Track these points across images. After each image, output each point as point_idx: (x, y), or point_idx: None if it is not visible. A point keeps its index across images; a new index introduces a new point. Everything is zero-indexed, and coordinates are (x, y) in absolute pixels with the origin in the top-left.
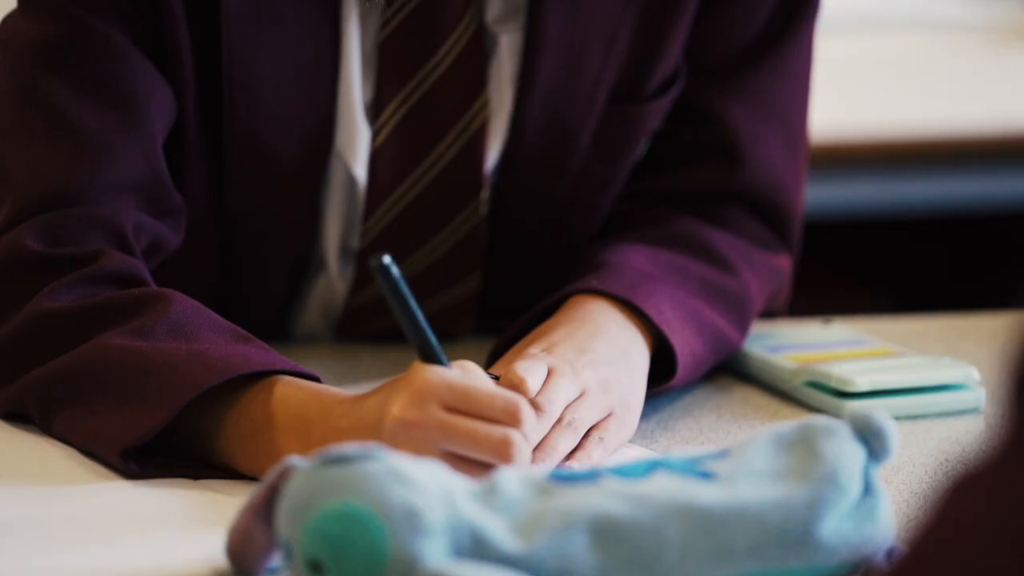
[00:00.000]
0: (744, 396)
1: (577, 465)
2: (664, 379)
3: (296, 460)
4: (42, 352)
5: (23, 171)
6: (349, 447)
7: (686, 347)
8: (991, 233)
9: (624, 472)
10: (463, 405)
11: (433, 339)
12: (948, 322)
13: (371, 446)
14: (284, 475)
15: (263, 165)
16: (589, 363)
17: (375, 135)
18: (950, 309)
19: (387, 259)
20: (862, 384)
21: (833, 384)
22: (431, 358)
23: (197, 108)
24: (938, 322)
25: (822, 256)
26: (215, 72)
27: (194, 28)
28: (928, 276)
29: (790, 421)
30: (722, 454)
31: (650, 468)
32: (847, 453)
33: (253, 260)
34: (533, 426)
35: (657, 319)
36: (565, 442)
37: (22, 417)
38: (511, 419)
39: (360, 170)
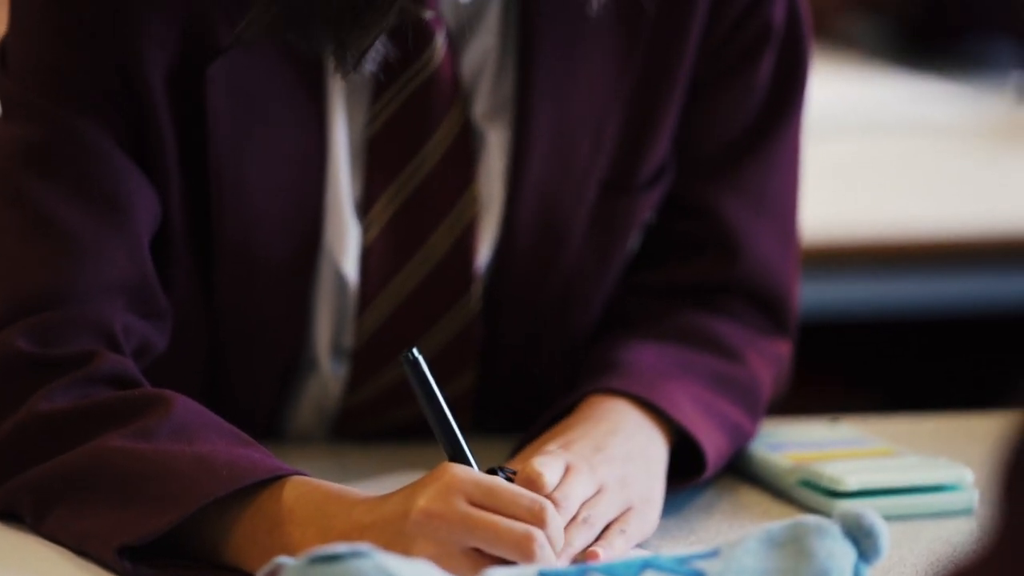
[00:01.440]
0: (735, 494)
1: (601, 553)
2: (688, 475)
3: (285, 559)
4: (39, 454)
5: (10, 273)
6: (339, 546)
7: (710, 442)
8: (983, 333)
9: (614, 571)
10: (489, 502)
11: (461, 437)
12: (941, 422)
13: (361, 544)
14: (274, 573)
15: (251, 265)
16: (606, 460)
17: (365, 232)
18: (943, 408)
19: (416, 353)
20: (852, 483)
21: (824, 483)
22: (458, 456)
23: (183, 208)
24: (931, 422)
25: (814, 355)
26: (201, 172)
27: (179, 128)
28: (921, 375)
29: (781, 520)
30: (713, 553)
31: (640, 567)
32: (837, 553)
33: (242, 361)
34: (558, 527)
35: (679, 417)
36: (580, 538)
37: (12, 516)
38: (535, 518)
39: (350, 268)
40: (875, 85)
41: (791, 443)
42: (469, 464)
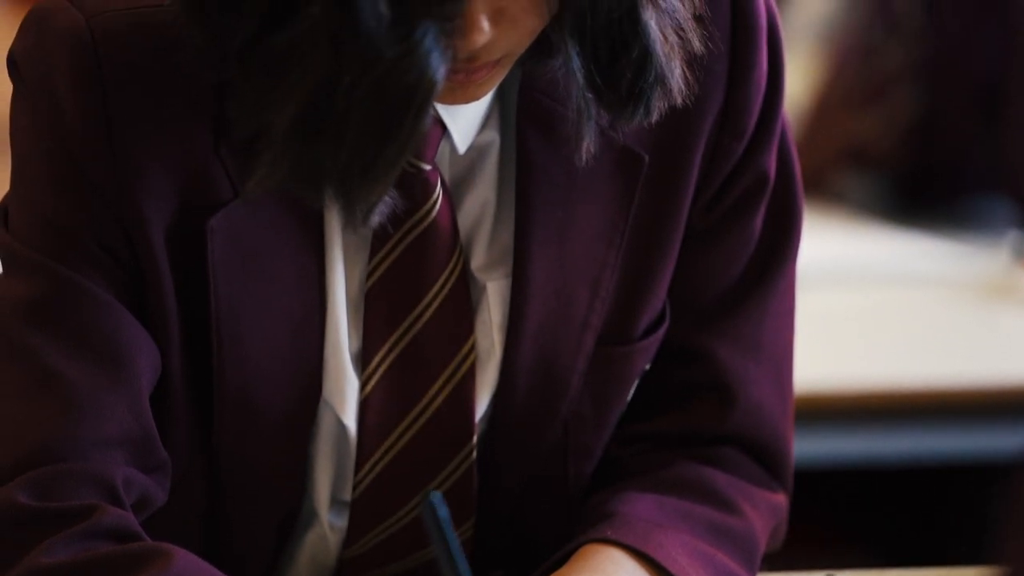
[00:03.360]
0: None
1: None
2: None
3: None
4: None
5: (10, 427)
6: None
7: None
8: (978, 485)
9: None
10: None
11: None
12: None
13: None
14: None
15: (251, 417)
16: None
17: (363, 384)
18: (938, 563)
19: (438, 499)
20: None
21: None
22: None
23: (183, 360)
24: None
25: (805, 507)
26: (201, 324)
27: (179, 280)
28: (916, 528)
29: None
30: None
31: None
32: None
33: (241, 512)
34: None
35: (675, 569)
36: None
37: None
38: None
39: (350, 419)
40: (868, 241)
41: None
42: None
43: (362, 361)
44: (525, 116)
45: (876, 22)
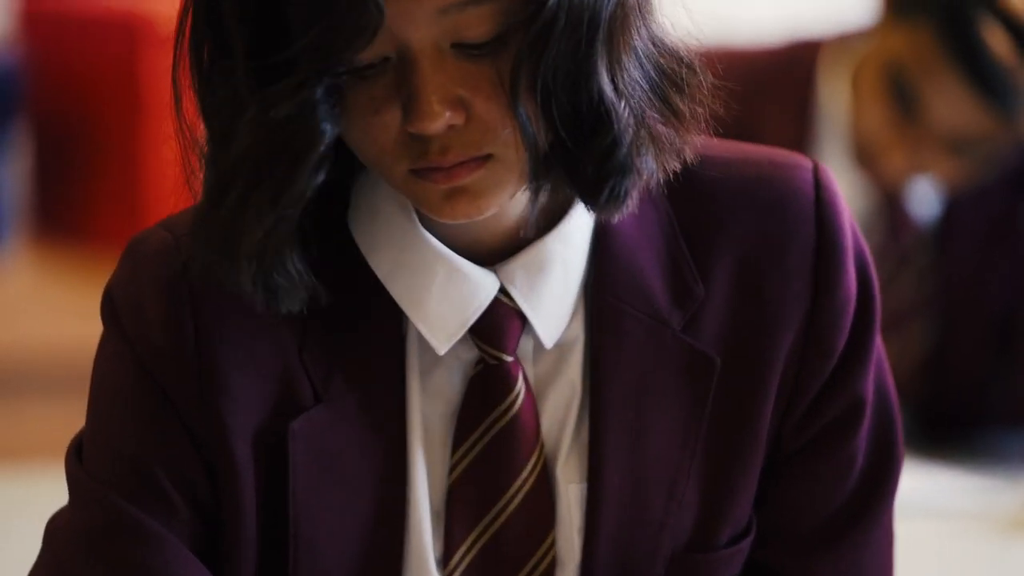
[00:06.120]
0: None
1: None
2: None
3: None
4: None
5: None
6: None
7: None
8: None
9: None
10: None
11: None
12: None
13: None
14: None
15: None
16: None
17: None
18: None
19: None
20: None
21: None
22: None
23: (257, 564)
24: None
25: None
26: (277, 530)
27: (257, 486)
28: None
29: None
30: None
31: None
32: None
33: None
34: None
35: None
36: None
37: None
38: None
39: None
40: None
41: None
42: None
43: (442, 560)
44: (595, 317)
45: (887, 256)
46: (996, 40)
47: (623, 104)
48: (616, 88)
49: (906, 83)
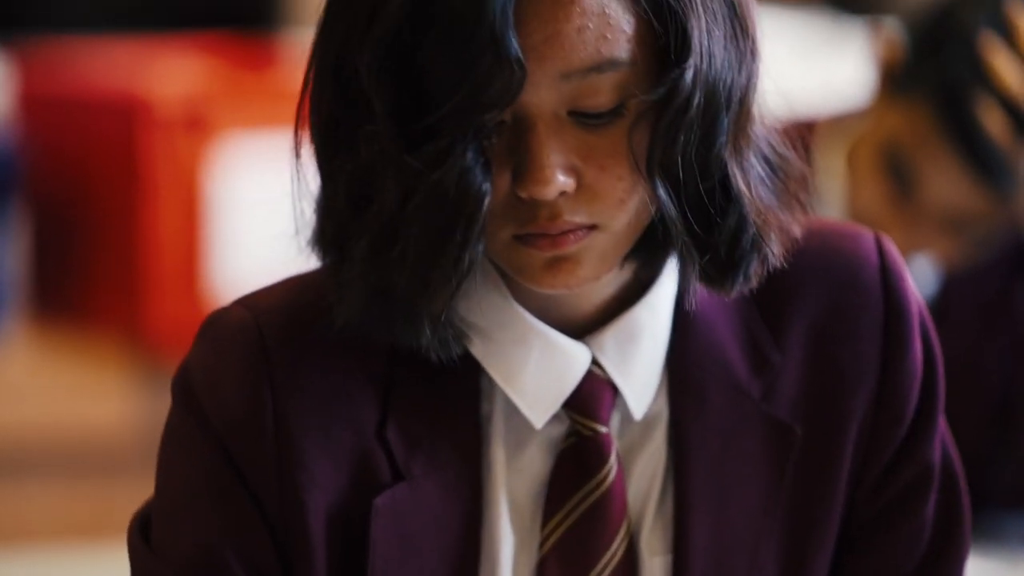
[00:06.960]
0: None
1: None
2: None
3: None
4: None
5: None
6: None
7: None
8: None
9: None
10: None
11: None
12: None
13: None
14: None
15: None
16: None
17: None
18: None
19: None
20: None
21: None
22: None
23: None
24: None
25: None
26: None
27: (332, 562)
28: None
29: None
30: None
31: None
32: None
33: None
34: None
35: None
36: None
37: None
38: None
39: None
40: None
41: None
42: None
43: None
44: (678, 387)
45: None
46: (992, 120)
47: (748, 185)
48: (742, 168)
49: (903, 161)
